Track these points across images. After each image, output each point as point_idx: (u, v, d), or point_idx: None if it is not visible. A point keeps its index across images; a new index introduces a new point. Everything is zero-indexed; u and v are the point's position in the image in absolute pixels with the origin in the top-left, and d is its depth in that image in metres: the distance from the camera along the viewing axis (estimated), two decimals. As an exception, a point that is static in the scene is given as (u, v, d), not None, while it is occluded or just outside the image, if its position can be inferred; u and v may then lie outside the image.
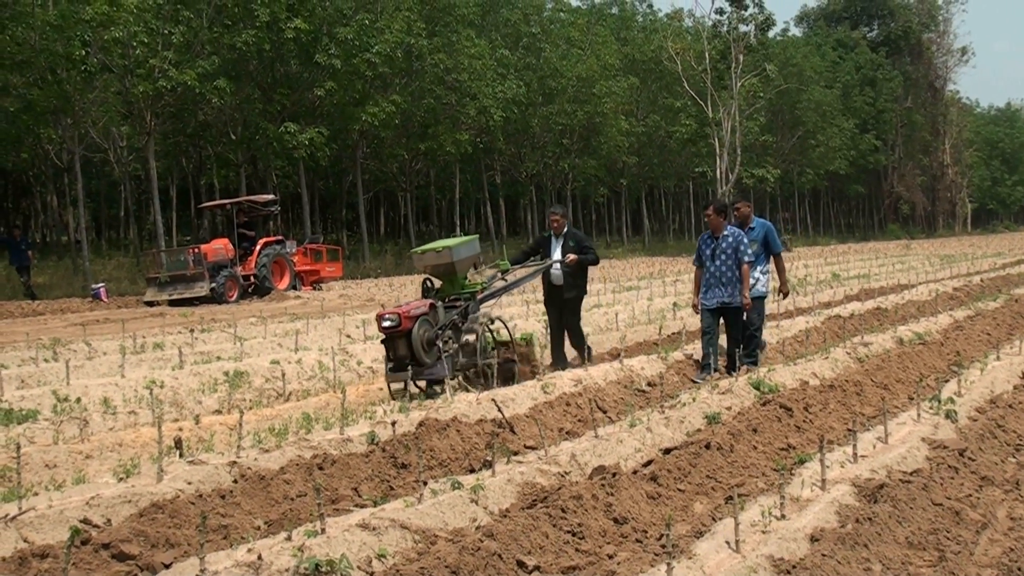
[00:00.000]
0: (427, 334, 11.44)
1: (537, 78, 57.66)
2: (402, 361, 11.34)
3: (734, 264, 12.51)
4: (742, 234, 12.74)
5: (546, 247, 13.88)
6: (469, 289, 12.52)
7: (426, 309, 11.59)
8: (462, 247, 12.39)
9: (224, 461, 7.62)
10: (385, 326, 11.33)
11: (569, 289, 13.60)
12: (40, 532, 6.25)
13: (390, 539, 5.82)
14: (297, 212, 59.22)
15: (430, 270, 12.40)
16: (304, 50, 42.84)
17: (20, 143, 42.06)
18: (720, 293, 12.57)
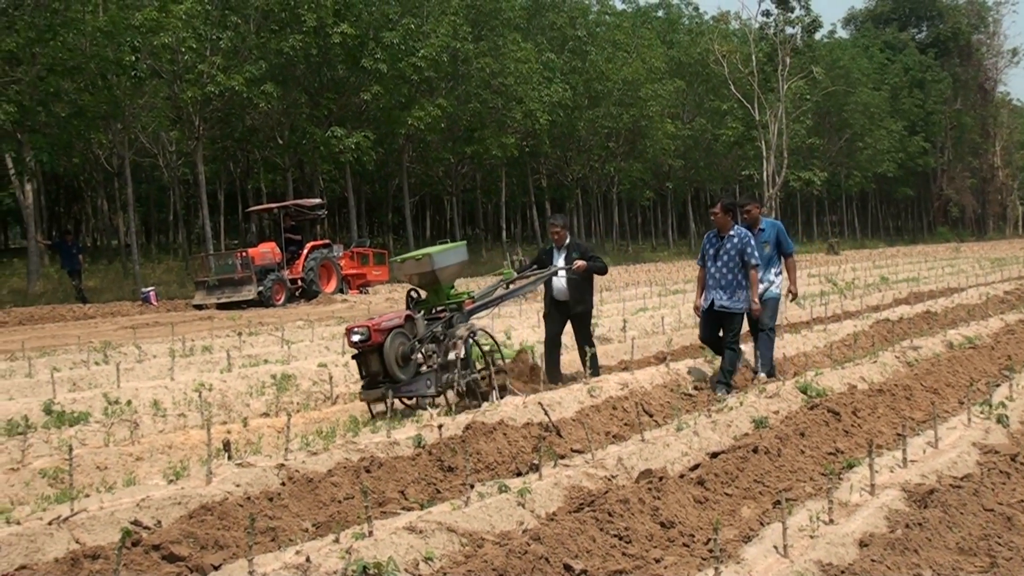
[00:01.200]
0: (402, 348, 10.67)
1: (583, 81, 57.61)
2: (375, 378, 10.69)
3: (736, 267, 11.75)
4: (749, 236, 11.97)
5: (549, 261, 12.99)
6: (455, 299, 11.67)
7: (400, 321, 10.84)
8: (445, 255, 11.52)
9: (272, 463, 7.66)
10: (354, 340, 10.61)
11: (576, 304, 12.78)
12: (92, 533, 6.31)
13: (437, 542, 5.82)
14: (344, 216, 59.46)
15: (413, 280, 11.60)
16: (350, 54, 43.01)
17: (71, 148, 42.47)
18: (721, 296, 11.81)
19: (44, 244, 39.60)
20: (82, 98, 35.45)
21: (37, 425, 10.31)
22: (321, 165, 46.47)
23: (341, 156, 42.78)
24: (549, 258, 12.95)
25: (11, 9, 32.93)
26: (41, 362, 14.91)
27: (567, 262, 12.62)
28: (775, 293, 12.85)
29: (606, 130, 60.59)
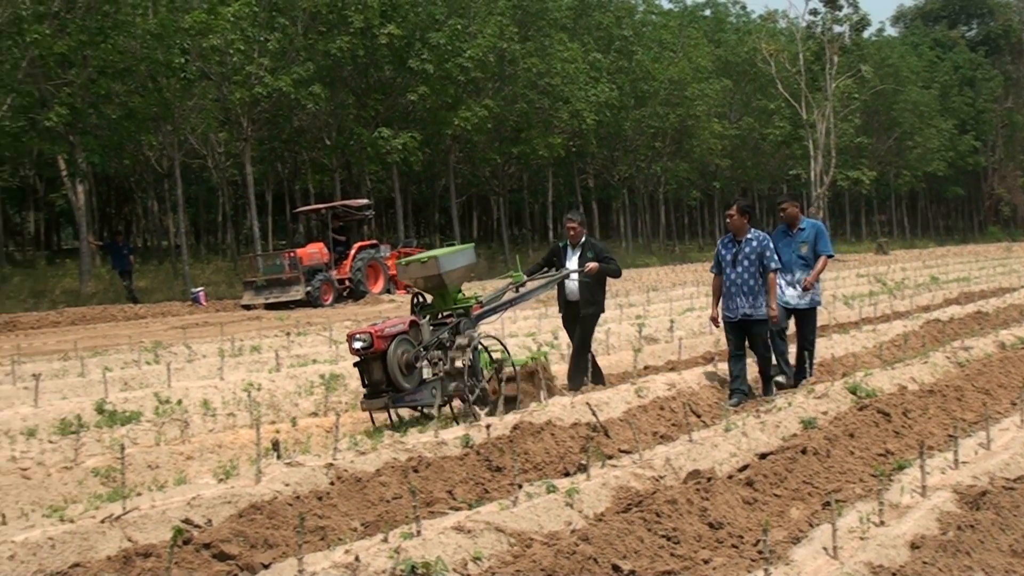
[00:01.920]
0: (406, 356, 10.25)
1: (629, 81, 57.46)
2: (377, 386, 10.31)
3: (758, 272, 11.26)
4: (768, 238, 11.51)
5: (560, 258, 12.52)
6: (462, 304, 11.16)
7: (405, 327, 10.42)
8: (452, 257, 11.09)
9: (321, 463, 7.71)
10: (356, 347, 10.23)
11: (586, 305, 12.31)
12: (143, 532, 6.37)
13: (485, 542, 5.84)
14: (391, 216, 59.66)
15: (419, 284, 11.17)
16: (397, 55, 43.12)
17: (122, 150, 42.86)
18: (742, 304, 11.30)
19: (96, 245, 40.03)
20: (132, 100, 35.80)
21: (90, 424, 10.43)
22: (368, 166, 46.62)
23: (388, 157, 42.89)
24: (561, 256, 12.52)
25: (63, 12, 33.29)
26: (93, 362, 15.09)
27: (580, 261, 12.20)
28: (816, 301, 12.48)
29: (653, 130, 60.40)
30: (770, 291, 11.27)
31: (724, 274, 11.48)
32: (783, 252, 12.09)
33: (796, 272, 12.22)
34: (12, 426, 10.39)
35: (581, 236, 12.41)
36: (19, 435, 10.17)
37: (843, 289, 27.42)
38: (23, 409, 11.07)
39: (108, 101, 35.52)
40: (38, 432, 10.21)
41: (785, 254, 12.13)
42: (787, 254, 12.19)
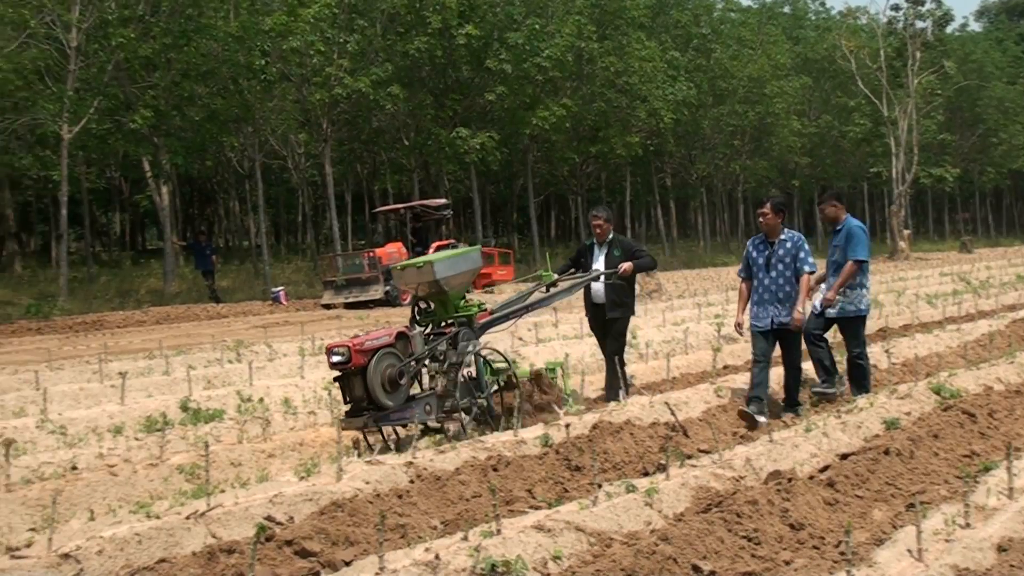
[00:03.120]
0: (389, 371, 9.23)
1: (708, 79, 57.15)
2: (359, 404, 9.28)
3: (792, 276, 10.36)
4: (802, 239, 10.57)
5: (588, 258, 11.78)
6: (464, 312, 10.32)
7: (390, 340, 9.43)
8: (450, 262, 10.10)
9: (401, 461, 7.75)
10: (333, 361, 9.18)
11: (613, 308, 11.51)
12: (227, 528, 6.45)
13: (565, 541, 5.84)
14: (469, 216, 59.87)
15: (419, 290, 10.21)
16: (475, 56, 43.25)
17: (205, 151, 43.52)
18: (776, 311, 10.40)
19: (179, 245, 40.64)
20: (215, 102, 36.31)
21: (174, 422, 10.59)
22: (446, 166, 46.81)
23: (466, 157, 43.04)
24: (588, 256, 11.80)
25: (148, 16, 33.86)
26: (177, 360, 15.30)
27: (608, 259, 11.49)
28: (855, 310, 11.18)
29: (731, 128, 60.05)
30: (801, 293, 10.35)
31: (755, 279, 10.59)
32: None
33: (831, 278, 11.24)
34: (100, 423, 10.58)
35: (608, 233, 11.69)
36: (107, 432, 10.35)
37: (926, 288, 27.04)
38: (110, 407, 11.27)
39: (191, 103, 36.06)
40: (125, 429, 10.39)
41: None
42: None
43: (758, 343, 10.51)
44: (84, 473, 8.79)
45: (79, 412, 11.09)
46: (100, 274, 41.22)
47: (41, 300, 30.18)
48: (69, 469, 8.95)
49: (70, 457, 9.20)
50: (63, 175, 32.65)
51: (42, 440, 10.02)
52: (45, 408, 10.92)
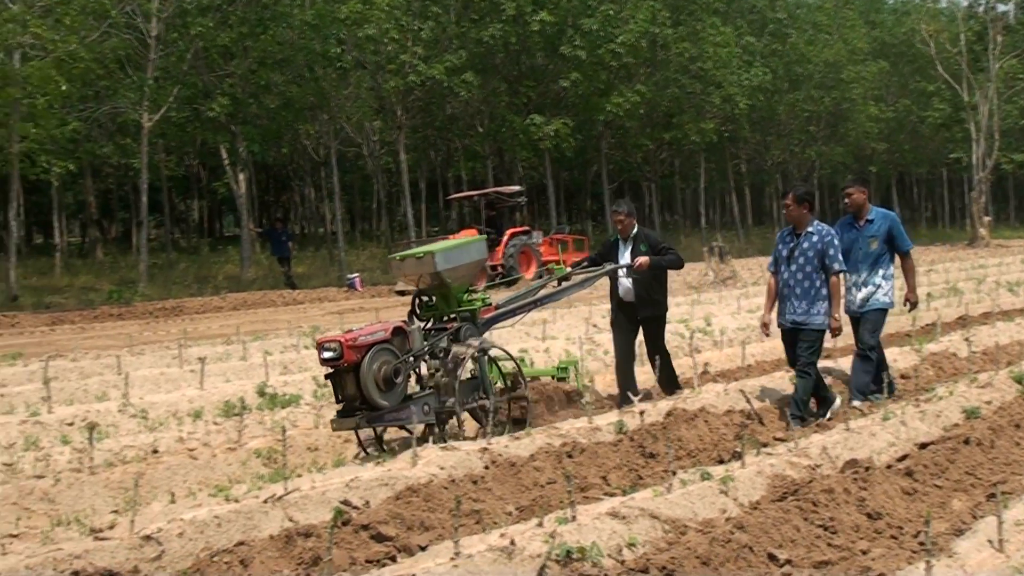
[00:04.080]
0: (385, 368, 8.59)
1: (783, 64, 56.53)
2: (351, 403, 8.69)
3: (815, 272, 9.61)
4: (832, 234, 9.77)
5: (613, 255, 11.16)
6: (467, 307, 9.63)
7: (386, 335, 8.81)
8: (453, 252, 9.42)
9: (475, 447, 7.80)
10: (324, 357, 8.60)
11: (644, 306, 10.92)
12: (304, 512, 6.54)
13: (640, 528, 5.85)
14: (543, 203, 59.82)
15: (420, 283, 9.54)
16: (549, 42, 43.15)
17: (281, 139, 43.89)
18: (792, 309, 9.73)
19: (256, 232, 41.08)
20: (290, 90, 36.59)
21: (252, 407, 10.73)
22: (520, 152, 46.81)
23: (540, 143, 43.00)
24: (612, 252, 11.16)
25: (225, 5, 34.22)
26: (255, 346, 15.48)
27: (633, 255, 10.80)
28: (882, 302, 10.50)
29: (807, 114, 59.35)
30: (834, 297, 9.61)
31: (779, 273, 9.95)
32: (847, 247, 10.34)
33: (863, 272, 10.45)
34: (180, 408, 10.76)
35: (631, 228, 11.04)
36: (186, 417, 10.53)
37: (1007, 276, 26.61)
38: (190, 391, 11.44)
39: (267, 91, 36.39)
40: (204, 414, 10.55)
41: (850, 250, 10.43)
42: (853, 250, 10.46)
43: (785, 346, 10.10)
44: (164, 456, 8.96)
45: (159, 396, 11.29)
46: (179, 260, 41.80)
47: (122, 286, 30.66)
48: (150, 452, 9.12)
49: (151, 441, 9.37)
50: (143, 163, 33.12)
51: (124, 424, 10.21)
52: (127, 392, 11.11)
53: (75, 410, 10.30)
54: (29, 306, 26.53)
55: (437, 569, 5.07)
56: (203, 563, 5.85)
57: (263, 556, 5.86)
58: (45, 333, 21.19)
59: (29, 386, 11.88)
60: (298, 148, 48.83)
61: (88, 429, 8.79)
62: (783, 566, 5.59)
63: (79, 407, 10.50)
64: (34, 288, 30.78)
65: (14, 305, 26.52)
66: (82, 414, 10.10)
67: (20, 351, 15.95)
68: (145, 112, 32.30)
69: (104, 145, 41.97)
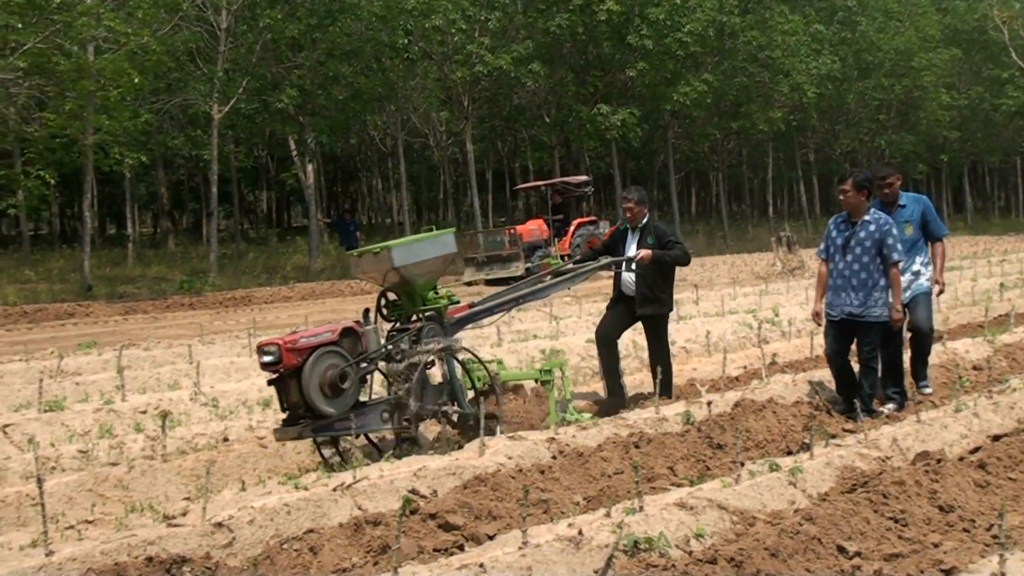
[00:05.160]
0: (330, 373, 7.96)
1: (852, 52, 55.92)
2: (295, 411, 8.04)
3: (873, 262, 9.19)
4: (890, 223, 9.30)
5: (620, 245, 10.52)
6: (431, 306, 8.97)
7: (332, 337, 8.17)
8: (413, 247, 8.79)
9: (543, 437, 7.83)
10: (263, 362, 7.95)
11: (645, 303, 10.26)
12: (372, 500, 6.59)
13: (707, 519, 5.84)
14: (609, 193, 59.73)
15: (379, 280, 8.92)
16: (616, 31, 43.03)
17: (348, 130, 44.20)
18: (848, 300, 9.28)
19: (324, 222, 41.40)
20: (358, 81, 36.85)
21: (321, 395, 10.80)
22: (587, 142, 46.75)
23: (607, 133, 42.91)
24: (620, 242, 10.54)
25: (294, -3, 34.56)
26: (323, 335, 15.57)
27: (640, 247, 10.19)
28: (926, 287, 10.25)
29: (877, 102, 58.71)
30: (895, 287, 9.24)
31: (831, 261, 9.48)
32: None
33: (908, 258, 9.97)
34: (249, 397, 10.89)
35: (641, 217, 10.40)
36: (256, 405, 10.65)
37: (1083, 265, 26.18)
38: (259, 380, 11.50)
39: (335, 82, 36.65)
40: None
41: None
42: None
43: (829, 338, 9.53)
44: (235, 445, 9.07)
45: (230, 385, 11.42)
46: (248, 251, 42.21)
47: (193, 276, 31.03)
48: (221, 441, 9.24)
49: (222, 429, 9.49)
50: (213, 154, 33.54)
51: (196, 412, 10.35)
52: (198, 381, 11.25)
53: (148, 398, 10.45)
54: (103, 296, 26.94)
55: (505, 558, 5.09)
56: (273, 550, 5.91)
57: (332, 544, 5.91)
58: (119, 322, 21.51)
59: (103, 375, 12.06)
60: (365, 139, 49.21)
61: (161, 417, 8.92)
62: (852, 558, 5.56)
63: (152, 395, 10.66)
64: (108, 278, 31.22)
65: (89, 295, 26.96)
66: (155, 402, 10.24)
67: (95, 340, 16.19)
68: (215, 104, 32.67)
69: (175, 137, 42.53)
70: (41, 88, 27.79)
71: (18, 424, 9.43)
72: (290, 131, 37.81)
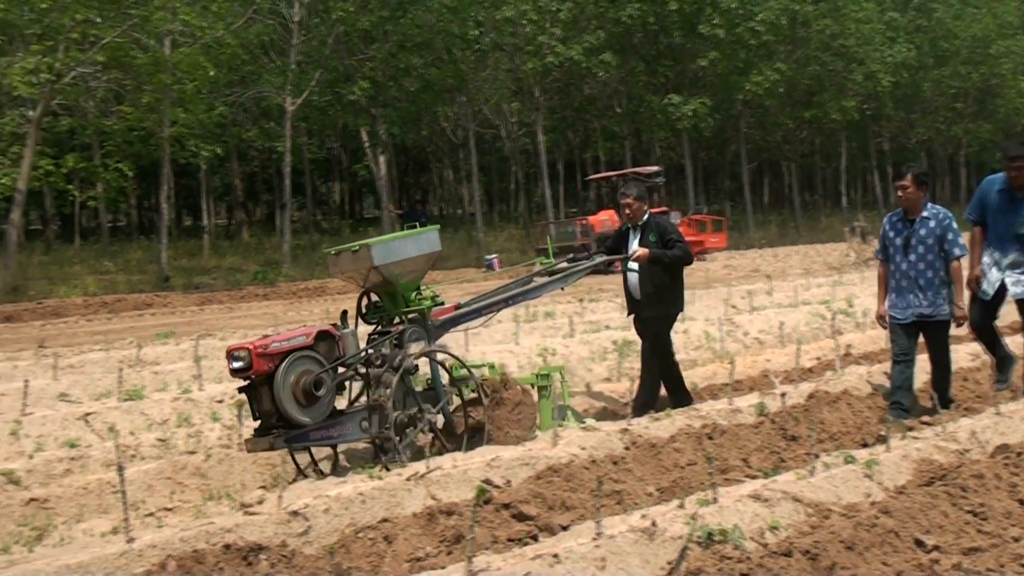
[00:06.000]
0: (304, 380, 7.50)
1: (928, 40, 55.13)
2: (268, 420, 7.59)
3: (936, 259, 8.74)
4: (949, 217, 8.83)
5: (623, 245, 9.95)
6: (414, 307, 8.46)
7: (307, 341, 7.71)
8: (393, 246, 8.30)
9: (616, 428, 7.83)
10: (233, 368, 7.50)
11: (647, 304, 9.69)
12: (446, 490, 6.64)
13: (782, 511, 5.81)
14: (680, 183, 59.40)
15: (358, 280, 8.45)
16: (687, 21, 42.83)
17: (420, 121, 44.37)
18: (917, 301, 8.80)
19: (395, 213, 41.59)
20: (430, 72, 37.00)
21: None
22: (658, 132, 46.60)
23: (678, 123, 42.74)
24: (624, 242, 9.97)
25: (366, -11, 34.77)
26: (395, 325, 15.67)
27: (642, 246, 9.63)
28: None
29: (953, 90, 57.83)
30: (956, 284, 8.81)
31: (892, 262, 9.00)
32: (999, 222, 9.36)
33: (1010, 251, 9.33)
34: (324, 386, 10.98)
35: (642, 214, 9.80)
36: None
37: None
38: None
39: (407, 74, 36.84)
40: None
41: (1000, 224, 9.36)
42: (1002, 225, 9.35)
43: (898, 338, 8.95)
44: (311, 434, 9.15)
45: (304, 375, 11.52)
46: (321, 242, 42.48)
47: (267, 267, 31.40)
48: (296, 430, 9.33)
49: (297, 418, 9.58)
50: (287, 146, 33.87)
51: (271, 401, 10.46)
52: (273, 371, 11.37)
53: (224, 388, 10.57)
54: (179, 286, 27.34)
55: (579, 549, 5.10)
56: (348, 539, 5.97)
57: (406, 533, 5.96)
58: (195, 313, 21.81)
59: (181, 364, 12.24)
60: (437, 130, 49.33)
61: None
62: (931, 552, 5.50)
63: (228, 385, 10.76)
64: (184, 269, 31.66)
65: (166, 285, 27.38)
66: (231, 392, 10.36)
67: (172, 330, 16.43)
68: (288, 96, 33.01)
69: (249, 129, 42.95)
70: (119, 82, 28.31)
71: (99, 413, 9.61)
72: (362, 123, 38.07)
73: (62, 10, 24.70)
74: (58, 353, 13.10)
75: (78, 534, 6.93)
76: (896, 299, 8.94)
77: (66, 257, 35.83)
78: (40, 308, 22.62)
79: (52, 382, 10.91)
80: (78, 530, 7.04)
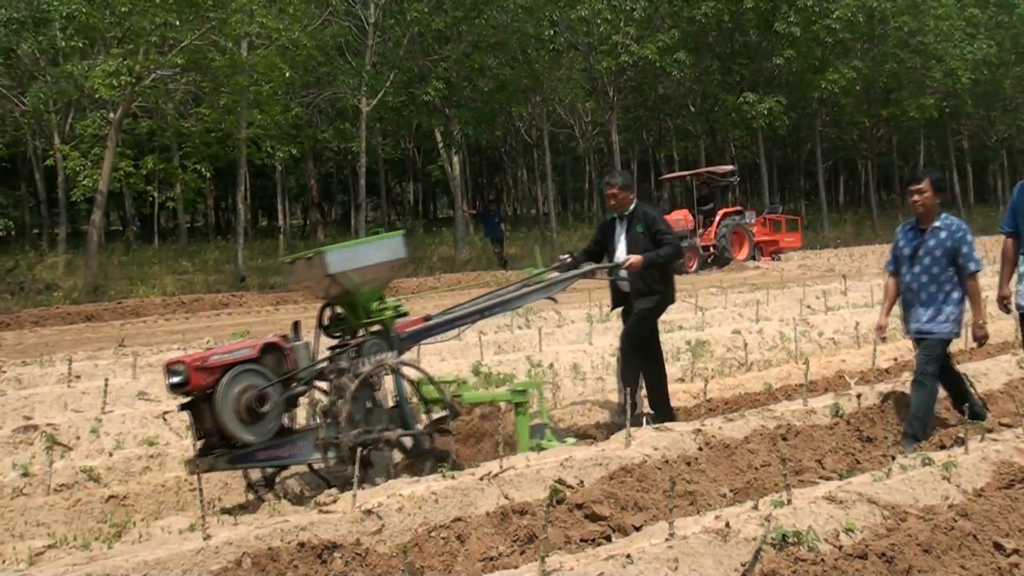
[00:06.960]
0: (247, 396, 6.96)
1: (1009, 36, 54.24)
2: (210, 438, 7.10)
3: (942, 273, 8.13)
4: (964, 229, 8.18)
5: (609, 236, 9.67)
6: (376, 318, 7.82)
7: (252, 354, 7.15)
8: (351, 252, 7.62)
9: (689, 428, 7.79)
10: (171, 383, 6.98)
11: (637, 296, 9.40)
12: (519, 489, 6.64)
13: (857, 513, 5.75)
14: (755, 182, 59.05)
15: (316, 291, 7.89)
16: (763, 19, 42.56)
17: (494, 121, 44.49)
18: (916, 316, 8.25)
19: (469, 213, 41.74)
20: (504, 73, 37.11)
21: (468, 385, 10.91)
22: (733, 131, 46.37)
23: (753, 122, 42.50)
24: (609, 235, 9.69)
25: (440, -10, 34.94)
26: (470, 325, 15.73)
27: (630, 238, 9.37)
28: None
29: (1035, 87, 56.95)
30: (974, 301, 8.17)
31: (901, 273, 8.45)
32: None
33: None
34: (391, 384, 11.05)
35: (628, 204, 9.48)
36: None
37: None
38: (406, 371, 11.69)
39: (481, 74, 36.95)
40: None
41: None
42: None
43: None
44: (386, 433, 9.21)
45: (377, 373, 11.59)
46: (396, 242, 42.81)
47: (342, 267, 31.58)
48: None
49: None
50: (361, 147, 34.15)
51: (345, 400, 10.54)
52: (347, 369, 11.45)
53: (300, 386, 10.67)
54: (255, 286, 27.61)
55: (652, 549, 5.09)
56: (421, 538, 5.99)
57: (479, 532, 5.97)
58: (270, 312, 22.01)
59: (257, 364, 12.35)
60: (511, 130, 49.47)
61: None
62: (1010, 556, 5.43)
63: (303, 383, 10.90)
64: (260, 269, 31.97)
65: (242, 285, 27.67)
66: (306, 391, 10.48)
67: (248, 329, 16.59)
68: (363, 97, 33.26)
69: (325, 130, 43.36)
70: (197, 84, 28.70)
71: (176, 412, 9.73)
72: (436, 123, 38.24)
73: (142, 13, 25.07)
74: (137, 352, 13.31)
75: (156, 531, 7.02)
76: (905, 313, 8.47)
77: (145, 257, 36.39)
78: (120, 308, 22.95)
79: (131, 380, 11.06)
80: (156, 527, 7.13)
